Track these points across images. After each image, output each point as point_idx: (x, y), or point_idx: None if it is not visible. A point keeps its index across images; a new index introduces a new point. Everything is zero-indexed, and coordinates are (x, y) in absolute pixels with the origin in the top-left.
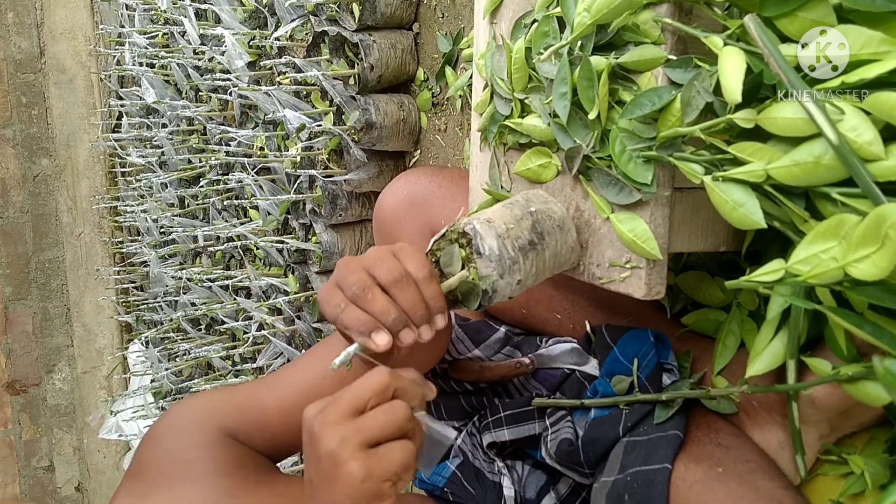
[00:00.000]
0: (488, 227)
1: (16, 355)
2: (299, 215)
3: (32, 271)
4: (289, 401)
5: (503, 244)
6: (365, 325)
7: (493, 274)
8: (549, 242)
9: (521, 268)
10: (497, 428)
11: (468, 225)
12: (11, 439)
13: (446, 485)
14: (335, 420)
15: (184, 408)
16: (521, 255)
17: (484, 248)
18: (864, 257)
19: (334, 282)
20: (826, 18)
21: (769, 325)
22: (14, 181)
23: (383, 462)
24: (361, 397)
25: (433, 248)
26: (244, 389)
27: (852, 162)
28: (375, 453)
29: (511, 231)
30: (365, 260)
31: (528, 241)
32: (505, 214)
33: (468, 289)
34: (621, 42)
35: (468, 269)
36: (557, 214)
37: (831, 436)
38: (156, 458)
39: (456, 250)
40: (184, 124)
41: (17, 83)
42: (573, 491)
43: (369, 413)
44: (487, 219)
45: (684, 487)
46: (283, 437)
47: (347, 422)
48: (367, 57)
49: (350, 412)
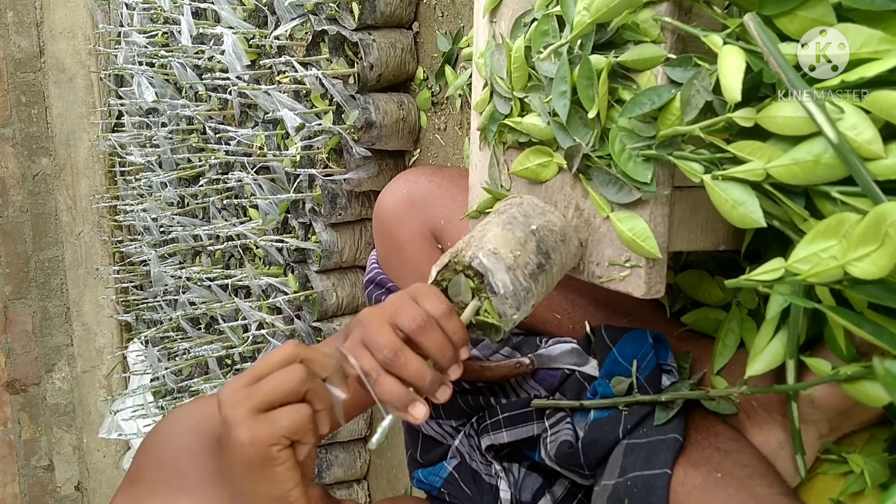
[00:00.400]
0: (496, 261)
1: (15, 354)
2: (299, 214)
3: (32, 270)
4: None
5: (515, 277)
6: (402, 399)
7: (511, 310)
8: (555, 259)
9: (534, 293)
10: (496, 430)
11: (475, 259)
12: (11, 438)
13: (443, 485)
14: (235, 387)
15: (179, 415)
16: (532, 282)
17: (497, 287)
18: (863, 256)
19: (360, 340)
20: (826, 17)
21: (769, 325)
22: (14, 180)
23: (270, 426)
24: (264, 364)
25: (438, 278)
26: None
27: (852, 161)
28: (264, 417)
29: (519, 259)
30: (386, 311)
31: (537, 265)
32: (509, 241)
33: (482, 322)
34: (621, 41)
35: (479, 299)
36: (558, 226)
37: (831, 435)
38: (152, 464)
39: (463, 281)
40: (183, 123)
41: (16, 82)
42: (569, 493)
43: (265, 379)
44: (493, 250)
45: (683, 493)
46: None
47: (245, 388)
48: (366, 56)
49: (251, 380)
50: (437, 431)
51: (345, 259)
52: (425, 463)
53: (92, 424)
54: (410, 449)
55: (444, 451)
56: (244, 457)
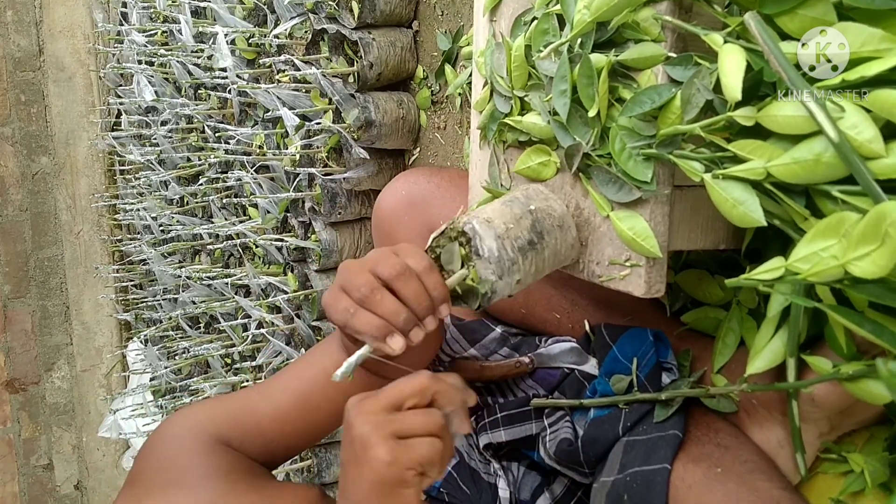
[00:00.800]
0: (487, 228)
1: (15, 353)
2: (298, 213)
3: (31, 269)
4: (282, 408)
5: (502, 245)
6: (379, 329)
7: (492, 276)
8: (548, 241)
9: (521, 268)
10: (494, 429)
11: (467, 224)
12: (10, 437)
13: (442, 485)
14: (373, 410)
15: (178, 418)
16: (520, 255)
17: (483, 250)
18: (864, 255)
19: (339, 285)
20: (826, 16)
21: (769, 324)
22: (13, 179)
23: (410, 451)
24: (402, 394)
25: (433, 244)
26: (238, 398)
27: (853, 160)
28: (404, 442)
29: (510, 231)
30: (367, 261)
31: (528, 241)
32: (504, 213)
33: (468, 288)
34: (621, 40)
35: (467, 268)
36: (557, 212)
37: (831, 434)
38: (150, 466)
39: (456, 248)
40: (183, 122)
41: (16, 81)
42: (568, 491)
43: (407, 412)
44: (487, 218)
45: (683, 488)
46: (277, 443)
47: (383, 413)
48: (366, 55)
49: (388, 406)
50: None
51: (344, 258)
52: None
53: (91, 423)
54: None
55: None
56: (379, 475)
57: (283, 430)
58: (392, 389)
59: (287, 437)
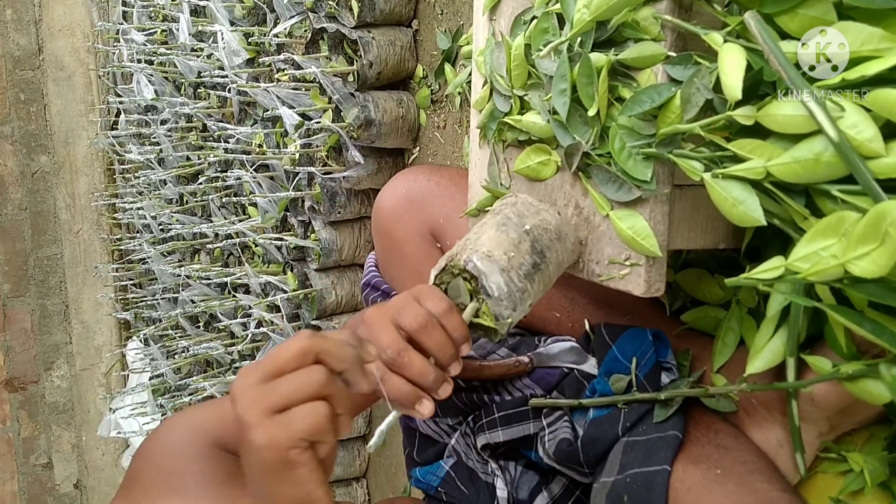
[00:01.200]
0: (490, 264)
1: (14, 352)
2: (298, 212)
3: (31, 268)
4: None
5: (510, 278)
6: (409, 397)
7: (507, 311)
8: (550, 258)
9: (530, 293)
10: (491, 429)
11: (469, 263)
12: (10, 436)
13: (440, 484)
14: (249, 383)
15: (173, 422)
16: (527, 282)
17: (492, 290)
18: (864, 255)
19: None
20: (826, 15)
21: (769, 323)
22: (12, 178)
23: (287, 428)
24: (278, 361)
25: (436, 282)
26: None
27: (852, 159)
28: (280, 419)
29: (513, 260)
30: (389, 311)
31: (532, 265)
32: (502, 242)
33: (483, 324)
34: (621, 39)
35: (477, 301)
36: (553, 224)
37: (831, 433)
38: (146, 471)
39: (461, 283)
40: (182, 121)
41: (15, 80)
42: (566, 490)
43: (281, 378)
44: (486, 253)
45: (683, 489)
46: None
47: (259, 386)
48: (365, 54)
49: (265, 377)
50: (434, 430)
51: (344, 257)
52: (422, 461)
53: (91, 422)
54: (408, 448)
55: (441, 449)
56: (262, 460)
57: None
58: (269, 356)
59: None
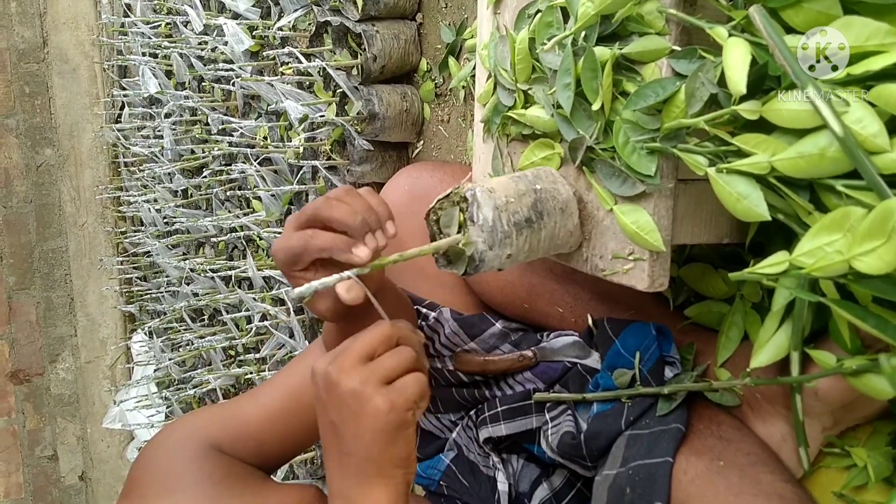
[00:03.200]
0: (488, 197)
1: (19, 345)
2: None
3: (36, 261)
4: (271, 408)
5: (498, 216)
6: (342, 241)
7: (483, 244)
8: (546, 223)
9: (513, 243)
10: (494, 423)
11: (469, 190)
12: (15, 429)
13: (441, 478)
14: (351, 365)
15: (170, 429)
16: (514, 230)
17: (478, 217)
18: (869, 251)
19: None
20: (831, 10)
21: (773, 317)
22: (17, 171)
23: (403, 393)
24: (371, 344)
25: (435, 206)
26: (229, 404)
27: (857, 154)
28: (394, 387)
29: (510, 205)
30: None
31: (525, 218)
32: (509, 187)
33: (457, 252)
34: (625, 32)
35: (463, 233)
36: (563, 196)
37: (834, 428)
38: (145, 475)
39: (456, 212)
40: (187, 114)
41: (20, 73)
42: (567, 482)
43: (382, 356)
44: (490, 188)
45: (686, 481)
46: (270, 444)
47: (362, 366)
48: (369, 47)
49: (364, 358)
50: (436, 426)
51: None
52: (423, 457)
53: (96, 415)
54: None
55: (441, 445)
56: (382, 423)
57: (274, 432)
58: (361, 341)
59: (279, 438)
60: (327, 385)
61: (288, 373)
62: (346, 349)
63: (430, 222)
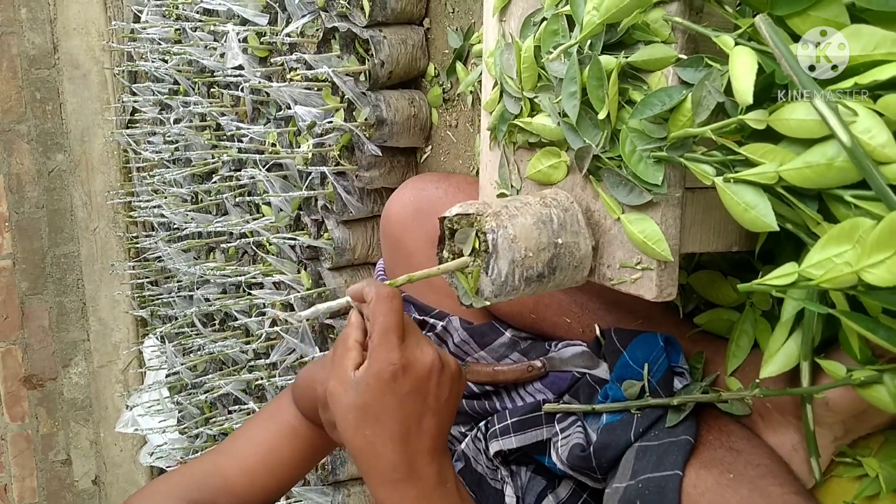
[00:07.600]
0: (507, 248)
1: (32, 350)
2: (311, 211)
3: (48, 266)
4: (248, 462)
5: (512, 271)
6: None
7: (490, 294)
8: (556, 276)
9: (519, 294)
10: (504, 435)
11: (492, 234)
12: (29, 433)
13: None
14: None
15: (150, 489)
16: (524, 284)
17: (493, 270)
18: (879, 262)
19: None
20: (839, 18)
21: (783, 327)
22: (29, 177)
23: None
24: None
25: (453, 216)
26: (203, 462)
27: (865, 164)
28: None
29: (527, 260)
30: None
31: (538, 274)
32: (531, 237)
33: (461, 279)
34: (631, 41)
35: (474, 258)
36: (581, 252)
37: (845, 438)
38: None
39: (472, 235)
40: (196, 120)
41: (31, 79)
42: (573, 493)
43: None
44: (513, 236)
45: (695, 494)
46: (247, 498)
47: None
48: (377, 53)
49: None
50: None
51: (357, 256)
52: None
53: (109, 419)
54: None
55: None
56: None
57: (252, 486)
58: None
59: (257, 491)
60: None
61: (263, 427)
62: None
63: (443, 226)
